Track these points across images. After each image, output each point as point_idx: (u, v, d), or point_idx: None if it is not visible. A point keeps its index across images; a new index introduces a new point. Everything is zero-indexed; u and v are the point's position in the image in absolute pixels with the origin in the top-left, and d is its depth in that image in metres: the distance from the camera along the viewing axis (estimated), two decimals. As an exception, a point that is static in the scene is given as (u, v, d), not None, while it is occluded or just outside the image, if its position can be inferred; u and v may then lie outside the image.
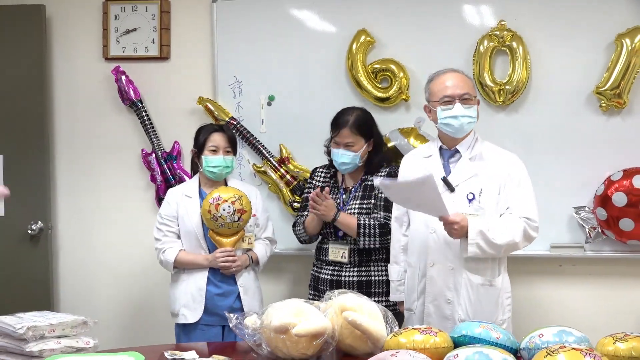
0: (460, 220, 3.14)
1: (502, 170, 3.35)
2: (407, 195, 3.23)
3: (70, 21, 4.77)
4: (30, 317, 2.80)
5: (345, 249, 3.77)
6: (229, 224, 3.67)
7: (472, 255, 3.19)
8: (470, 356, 2.39)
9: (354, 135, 3.73)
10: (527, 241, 3.29)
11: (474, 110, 3.33)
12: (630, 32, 4.05)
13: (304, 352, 2.83)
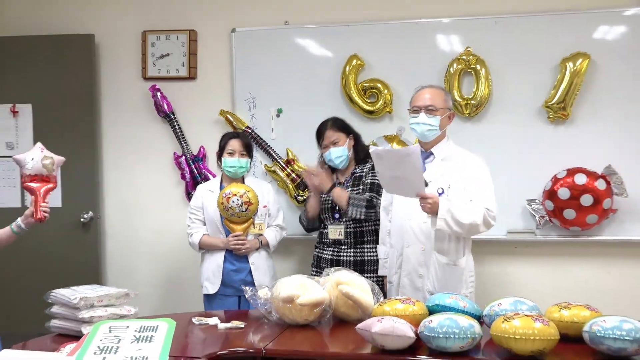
0: (433, 197, 3.14)
1: (467, 170, 3.34)
2: (393, 166, 3.14)
3: (115, 47, 4.75)
4: (82, 290, 2.81)
5: (341, 228, 3.77)
6: (238, 213, 3.73)
7: (439, 228, 3.16)
8: (442, 321, 2.39)
9: (336, 133, 3.80)
10: (486, 227, 3.27)
11: (436, 120, 3.31)
12: (572, 56, 4.04)
13: (306, 318, 2.85)
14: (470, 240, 3.45)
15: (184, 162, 4.64)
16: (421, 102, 3.34)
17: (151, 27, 4.68)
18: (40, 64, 4.69)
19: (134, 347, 2.16)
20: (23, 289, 3.80)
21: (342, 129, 3.84)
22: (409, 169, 3.05)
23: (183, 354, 2.49)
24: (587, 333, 2.35)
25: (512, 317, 2.36)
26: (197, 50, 4.64)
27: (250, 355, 2.55)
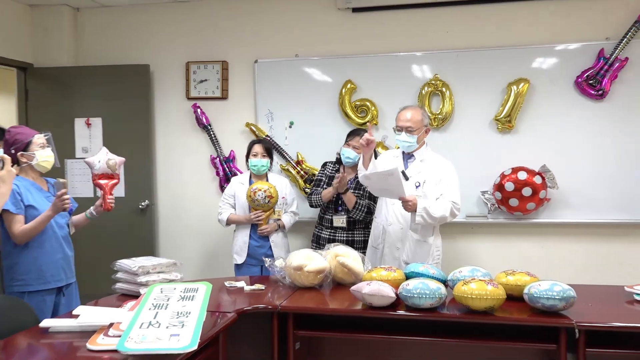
0: (412, 199, 3.19)
1: (440, 171, 3.38)
2: (379, 182, 3.23)
3: (165, 75, 4.74)
4: (140, 260, 2.82)
5: (343, 217, 3.77)
6: (262, 204, 3.73)
7: (419, 222, 3.24)
8: (416, 285, 2.41)
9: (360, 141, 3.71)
10: (452, 217, 3.31)
11: (414, 138, 3.35)
12: (516, 81, 4.05)
13: (312, 282, 2.85)
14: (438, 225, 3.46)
15: (218, 163, 4.64)
16: (402, 123, 3.37)
17: (193, 59, 4.67)
18: (108, 87, 4.68)
19: (179, 304, 2.17)
20: (96, 259, 3.81)
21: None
22: (392, 183, 3.15)
23: (217, 309, 2.50)
24: (526, 294, 2.36)
25: (469, 281, 2.37)
26: (228, 76, 4.63)
27: (269, 310, 2.56)
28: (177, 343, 1.90)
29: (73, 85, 4.71)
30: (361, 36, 4.36)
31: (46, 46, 4.76)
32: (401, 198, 3.19)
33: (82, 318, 2.23)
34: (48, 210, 2.87)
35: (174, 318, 2.05)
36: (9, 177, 2.28)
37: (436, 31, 4.24)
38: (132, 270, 2.71)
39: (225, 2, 4.59)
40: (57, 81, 4.72)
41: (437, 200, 3.30)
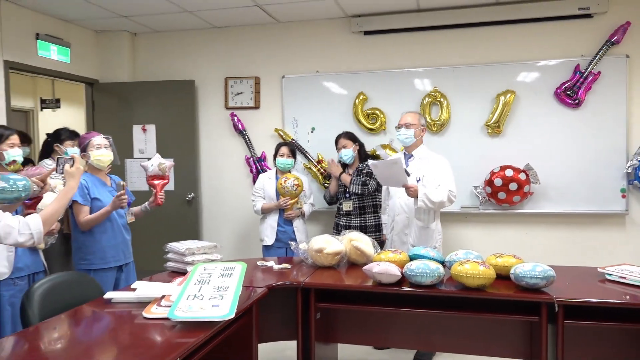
0: (414, 186, 3.19)
1: (436, 165, 3.35)
2: (385, 170, 3.23)
3: (207, 88, 4.75)
4: (187, 243, 2.81)
5: (351, 202, 3.76)
6: (291, 191, 3.75)
7: (420, 206, 3.21)
8: (418, 265, 2.38)
9: (346, 140, 3.82)
10: (450, 202, 3.28)
11: (411, 132, 3.36)
12: (504, 92, 4.00)
13: (330, 262, 2.83)
14: (439, 212, 3.43)
15: (252, 162, 4.64)
16: (402, 121, 3.40)
17: (230, 75, 4.67)
18: (160, 98, 4.70)
19: (220, 280, 2.17)
20: (151, 242, 3.84)
21: (350, 138, 3.84)
22: (396, 171, 3.14)
23: (251, 284, 2.50)
24: (513, 274, 2.32)
25: (464, 263, 2.34)
26: (260, 89, 4.62)
27: (294, 286, 2.55)
28: (217, 312, 1.90)
29: (131, 98, 4.75)
30: (372, 55, 4.33)
31: (109, 65, 4.80)
32: (404, 185, 3.19)
33: (139, 291, 2.24)
34: (108, 206, 2.90)
35: (215, 291, 2.05)
36: (78, 174, 2.30)
37: (436, 50, 4.20)
38: (181, 251, 2.72)
39: (257, 27, 4.59)
40: (118, 94, 4.76)
41: (437, 188, 3.28)
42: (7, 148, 2.54)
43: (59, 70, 4.37)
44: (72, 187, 2.25)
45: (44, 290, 2.21)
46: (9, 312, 2.55)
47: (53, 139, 3.91)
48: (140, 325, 1.93)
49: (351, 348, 3.40)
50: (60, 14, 4.24)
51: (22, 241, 1.92)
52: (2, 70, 3.80)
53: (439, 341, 2.64)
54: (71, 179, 2.27)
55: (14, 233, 1.89)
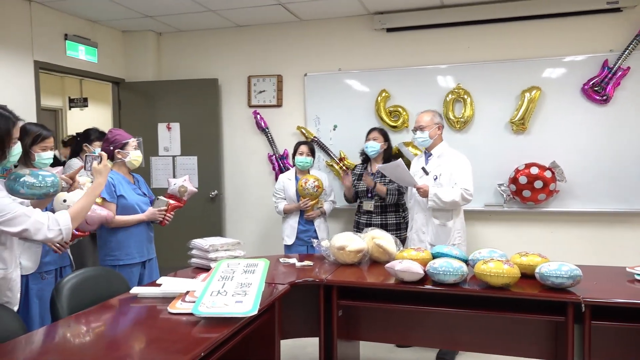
0: (423, 186, 3.26)
1: (454, 163, 3.35)
2: (392, 173, 3.38)
3: (231, 86, 4.78)
4: (211, 240, 2.85)
5: (372, 202, 3.73)
6: (311, 192, 3.73)
7: (430, 205, 3.27)
8: (441, 263, 2.36)
9: (378, 134, 3.78)
10: (465, 201, 3.29)
11: (426, 134, 3.38)
12: (529, 89, 3.92)
13: (352, 260, 2.83)
14: (458, 210, 3.40)
15: (274, 159, 4.66)
16: (416, 124, 3.43)
17: (253, 73, 4.69)
18: (185, 97, 4.75)
19: (243, 276, 2.19)
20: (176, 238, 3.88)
21: (382, 134, 3.80)
22: (401, 173, 3.27)
23: (273, 281, 2.51)
24: (538, 273, 2.29)
25: (488, 261, 2.31)
26: (283, 87, 4.63)
27: (316, 283, 2.56)
28: (240, 308, 1.91)
29: (156, 96, 4.81)
30: (394, 52, 4.30)
31: (135, 64, 4.88)
32: (414, 186, 3.25)
33: (164, 287, 2.27)
34: (144, 215, 2.98)
35: (238, 288, 2.07)
36: (105, 171, 2.34)
37: (459, 47, 4.14)
38: (204, 247, 2.74)
39: (279, 25, 4.60)
40: (143, 93, 4.83)
41: (453, 188, 3.28)
42: (39, 150, 2.52)
43: (87, 70, 4.46)
44: (99, 184, 2.29)
45: (72, 284, 2.26)
46: (37, 305, 2.62)
47: (82, 139, 4.00)
48: (166, 320, 1.96)
49: (373, 346, 3.39)
50: (88, 15, 4.32)
51: (51, 237, 1.96)
52: (33, 71, 3.90)
53: (462, 340, 2.61)
54: (99, 176, 2.31)
55: (44, 229, 1.94)
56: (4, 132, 1.90)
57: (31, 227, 1.90)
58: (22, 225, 1.89)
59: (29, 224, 1.90)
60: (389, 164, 3.41)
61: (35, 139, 2.50)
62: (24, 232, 1.90)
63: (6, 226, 1.87)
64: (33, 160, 2.51)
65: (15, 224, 1.87)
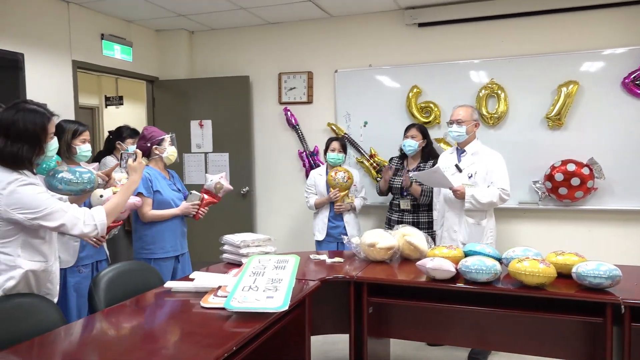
0: (460, 189, 3.17)
1: (489, 161, 3.28)
2: (427, 178, 3.32)
3: (262, 84, 4.81)
4: (242, 235, 2.87)
5: (408, 201, 3.70)
6: (341, 183, 3.74)
7: (467, 208, 3.19)
8: (474, 261, 2.33)
9: (417, 132, 3.71)
10: (502, 202, 3.23)
11: (463, 128, 3.30)
12: (566, 83, 3.82)
13: (383, 257, 2.82)
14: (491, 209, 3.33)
15: (305, 156, 4.67)
16: (454, 117, 3.34)
17: (284, 70, 4.71)
18: (217, 94, 4.81)
19: (274, 272, 2.20)
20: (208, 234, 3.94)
21: (421, 131, 3.74)
22: (438, 177, 3.19)
23: (304, 277, 2.53)
24: (575, 273, 2.23)
25: (523, 260, 2.27)
26: (313, 84, 4.64)
27: (347, 280, 2.56)
28: (272, 303, 1.93)
29: (189, 94, 4.88)
30: (426, 47, 4.25)
31: (168, 63, 4.96)
32: (451, 189, 3.17)
33: (197, 281, 2.31)
34: (177, 210, 3.04)
35: (269, 283, 2.08)
36: (140, 168, 2.39)
37: (493, 41, 4.06)
38: (236, 243, 2.77)
39: (310, 22, 4.60)
40: (176, 91, 4.91)
41: (487, 187, 3.21)
42: (79, 143, 2.68)
43: (122, 68, 4.56)
44: (134, 181, 2.34)
45: (109, 278, 2.32)
46: (74, 298, 2.70)
47: (115, 137, 4.10)
48: (198, 314, 1.99)
49: (403, 344, 3.37)
50: (123, 14, 4.42)
51: (86, 232, 2.02)
52: (71, 70, 4.01)
53: (494, 340, 2.57)
54: (134, 173, 2.36)
55: (80, 224, 2.00)
56: (40, 127, 1.97)
57: (68, 222, 1.96)
58: (60, 220, 1.95)
59: (66, 219, 1.96)
60: (425, 172, 3.35)
61: (75, 133, 2.67)
62: (61, 227, 1.97)
63: (44, 221, 1.93)
64: (75, 154, 2.65)
65: (53, 218, 1.94)
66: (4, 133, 1.93)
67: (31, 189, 1.93)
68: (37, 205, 1.91)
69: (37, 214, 1.91)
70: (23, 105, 1.98)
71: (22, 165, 1.95)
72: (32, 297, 1.97)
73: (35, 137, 1.96)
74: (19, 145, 1.92)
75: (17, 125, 1.93)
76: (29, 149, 1.95)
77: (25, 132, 1.94)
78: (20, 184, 1.91)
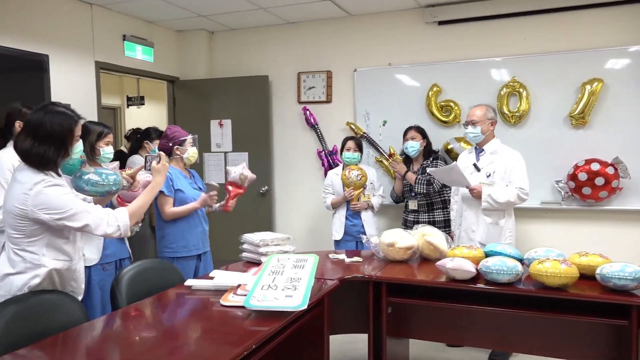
0: (477, 187, 3.15)
1: (508, 160, 3.25)
2: (444, 176, 3.31)
3: (281, 83, 4.83)
4: (261, 235, 2.89)
5: (416, 201, 3.73)
6: (355, 181, 3.76)
7: (484, 207, 3.16)
8: (495, 262, 2.31)
9: (416, 133, 3.79)
10: (520, 201, 3.19)
11: (478, 129, 3.28)
12: (590, 81, 3.74)
13: (402, 257, 2.81)
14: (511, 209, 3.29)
15: (323, 155, 4.68)
16: (468, 118, 3.34)
17: (303, 70, 4.72)
18: (236, 94, 4.84)
19: (292, 271, 2.21)
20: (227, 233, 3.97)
21: (420, 132, 3.80)
22: (455, 175, 3.17)
23: (323, 276, 2.53)
24: (599, 274, 2.19)
25: (544, 261, 2.24)
26: (332, 83, 4.64)
27: (366, 279, 2.56)
28: (291, 302, 1.94)
29: (209, 94, 4.93)
30: (446, 45, 4.22)
31: (188, 63, 5.02)
32: (468, 187, 3.15)
33: (217, 279, 2.34)
34: (196, 203, 3.05)
35: (288, 282, 2.09)
36: (164, 170, 2.43)
37: (514, 38, 4.01)
38: (255, 242, 2.79)
39: (329, 21, 4.60)
40: (196, 91, 4.96)
41: (507, 186, 3.16)
42: (103, 145, 2.73)
43: (143, 69, 4.62)
44: (158, 183, 2.37)
45: (131, 275, 2.36)
46: (98, 295, 2.75)
47: (143, 137, 4.17)
48: (218, 312, 2.01)
49: (423, 344, 3.35)
50: (144, 15, 4.48)
51: (110, 232, 2.06)
52: (94, 71, 4.08)
53: (515, 341, 2.54)
54: (157, 175, 2.40)
55: (103, 224, 2.04)
56: (67, 129, 2.01)
57: (92, 223, 2.01)
58: (84, 220, 1.99)
59: (90, 220, 2.00)
60: (442, 169, 3.36)
61: (99, 135, 2.72)
62: (85, 227, 2.01)
63: (69, 221, 1.97)
64: (98, 155, 2.71)
65: (77, 219, 1.98)
66: (32, 134, 1.97)
67: (57, 190, 1.97)
68: (62, 206, 1.95)
69: (62, 215, 1.95)
70: (51, 107, 2.03)
71: (47, 166, 1.99)
72: (56, 293, 2.02)
73: (61, 139, 2.00)
74: (45, 147, 1.97)
75: (45, 126, 1.97)
76: (55, 151, 1.99)
77: (53, 134, 1.98)
78: (46, 185, 1.95)
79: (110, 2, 4.04)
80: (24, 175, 1.96)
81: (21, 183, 1.95)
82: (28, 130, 1.99)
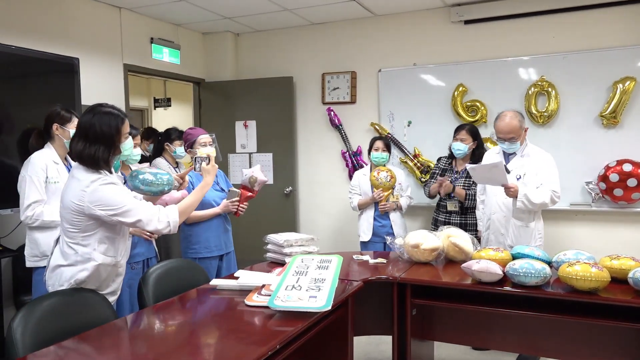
0: (514, 186, 3.03)
1: (539, 163, 3.14)
2: (484, 172, 3.13)
3: (305, 84, 4.85)
4: (286, 235, 2.88)
5: (455, 202, 3.63)
6: (384, 182, 3.71)
7: (519, 207, 3.05)
8: (522, 264, 2.26)
9: (466, 135, 3.59)
10: (553, 203, 3.08)
11: (517, 144, 3.14)
12: (622, 80, 3.65)
13: (427, 258, 2.78)
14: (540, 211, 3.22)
15: (348, 156, 4.67)
16: (503, 135, 3.12)
17: (327, 70, 4.73)
18: (261, 95, 4.87)
19: (317, 272, 2.21)
20: (252, 233, 4.01)
21: (472, 133, 3.62)
22: (496, 173, 3.01)
23: (347, 277, 2.52)
24: (631, 278, 2.13)
25: (574, 264, 2.18)
26: (356, 84, 4.63)
27: (390, 281, 2.54)
28: (315, 303, 1.94)
29: (234, 95, 4.97)
30: (472, 45, 4.17)
31: (214, 64, 5.07)
32: (505, 185, 3.04)
33: (241, 279, 2.35)
34: (218, 208, 3.09)
35: (312, 283, 2.09)
36: (213, 170, 2.47)
37: (543, 37, 3.94)
38: (279, 243, 2.79)
39: (353, 22, 4.60)
40: (222, 92, 5.01)
41: (538, 188, 3.08)
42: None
43: (170, 71, 4.70)
44: (208, 183, 2.42)
45: (157, 275, 2.40)
46: (127, 293, 2.81)
47: (163, 139, 4.22)
48: (243, 312, 2.03)
49: (448, 347, 3.32)
50: (171, 18, 4.55)
51: (160, 228, 2.13)
52: (122, 73, 4.17)
53: (543, 345, 2.49)
54: (207, 175, 2.44)
55: (155, 220, 2.11)
56: (114, 129, 2.08)
57: (144, 219, 2.08)
58: (137, 216, 2.06)
59: (142, 216, 2.07)
60: (484, 165, 3.20)
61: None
62: (138, 223, 2.08)
63: (123, 217, 2.05)
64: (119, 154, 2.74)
65: (130, 215, 2.05)
66: (83, 136, 2.05)
67: (111, 187, 2.04)
68: (117, 202, 2.03)
69: (116, 211, 2.03)
70: (98, 108, 2.09)
71: (99, 165, 2.06)
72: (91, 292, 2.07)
73: (110, 138, 2.07)
74: (96, 147, 2.04)
75: (94, 128, 2.04)
76: (105, 150, 2.06)
77: (102, 134, 2.05)
78: (101, 182, 2.03)
79: (139, 5, 4.12)
80: (81, 173, 2.05)
81: (79, 180, 2.03)
82: (79, 133, 2.06)
